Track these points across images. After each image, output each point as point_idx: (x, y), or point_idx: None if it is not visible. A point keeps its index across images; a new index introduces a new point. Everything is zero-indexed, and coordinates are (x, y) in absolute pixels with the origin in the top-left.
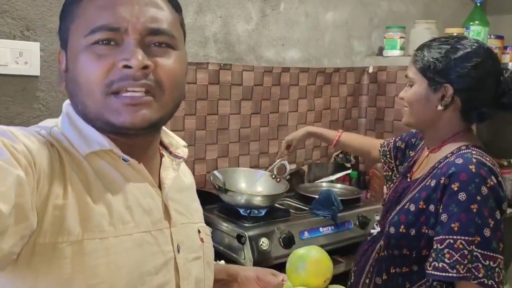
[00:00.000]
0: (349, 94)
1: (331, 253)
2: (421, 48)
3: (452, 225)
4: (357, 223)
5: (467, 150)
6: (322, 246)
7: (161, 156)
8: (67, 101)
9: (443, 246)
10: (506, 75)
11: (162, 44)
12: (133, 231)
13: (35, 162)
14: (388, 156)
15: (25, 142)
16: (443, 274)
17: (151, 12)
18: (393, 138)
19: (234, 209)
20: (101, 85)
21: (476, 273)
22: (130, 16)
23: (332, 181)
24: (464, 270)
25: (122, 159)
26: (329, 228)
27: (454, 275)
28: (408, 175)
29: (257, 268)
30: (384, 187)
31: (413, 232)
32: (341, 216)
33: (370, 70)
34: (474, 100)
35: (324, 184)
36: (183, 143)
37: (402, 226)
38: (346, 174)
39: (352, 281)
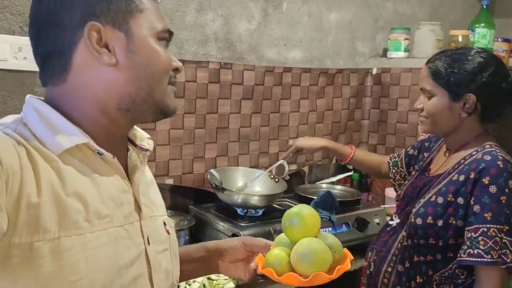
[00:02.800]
0: (352, 96)
1: None
2: (433, 61)
3: (485, 215)
4: (356, 225)
5: (492, 149)
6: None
7: (127, 150)
8: (31, 96)
9: (477, 234)
10: None
11: None
12: (107, 226)
13: (2, 162)
14: (399, 165)
15: None
16: (478, 259)
17: None
18: (404, 149)
19: (231, 208)
20: (168, 75)
21: (505, 259)
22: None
23: (333, 183)
24: (496, 256)
25: (97, 152)
26: (327, 229)
27: (489, 260)
28: (426, 172)
29: (238, 237)
30: (387, 190)
31: (440, 223)
32: (339, 218)
33: (374, 72)
34: (493, 103)
35: (324, 185)
36: (147, 135)
37: (429, 217)
38: (348, 176)
39: (372, 269)
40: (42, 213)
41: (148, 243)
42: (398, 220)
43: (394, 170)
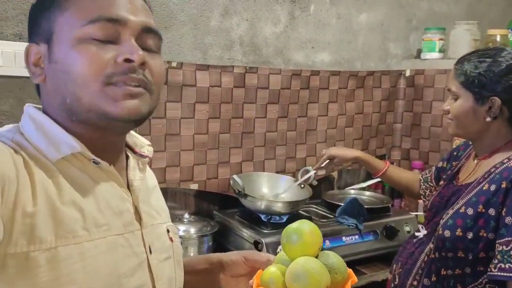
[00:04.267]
0: (383, 99)
1: (354, 263)
2: (461, 61)
3: None
4: (384, 233)
5: None
6: (345, 256)
7: (127, 157)
8: (29, 105)
9: (509, 247)
10: None
11: (151, 46)
12: (106, 234)
13: None
14: (429, 180)
15: None
16: (510, 274)
17: (144, 12)
18: (435, 165)
19: (255, 214)
20: (100, 76)
21: None
22: (128, 11)
23: (363, 189)
24: None
25: (93, 161)
26: (353, 237)
27: None
28: (454, 181)
29: (240, 251)
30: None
31: (470, 235)
32: (366, 226)
33: (407, 74)
34: None
35: (352, 191)
36: (147, 142)
37: (458, 230)
38: (379, 181)
39: (396, 283)
40: (37, 222)
41: (150, 252)
42: (425, 232)
43: (424, 186)
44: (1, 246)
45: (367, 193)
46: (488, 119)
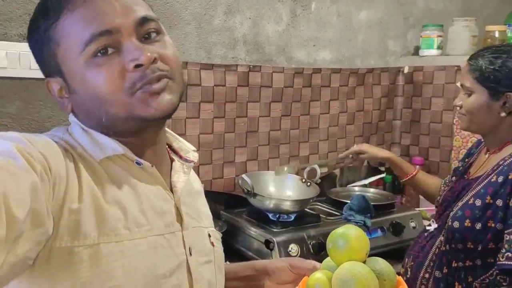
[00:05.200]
0: (383, 95)
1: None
2: (475, 57)
3: None
4: (391, 229)
5: None
6: None
7: (171, 160)
8: (72, 116)
9: None
10: None
11: (152, 33)
12: (147, 234)
13: (51, 168)
14: (447, 181)
15: (40, 148)
16: None
17: (133, 5)
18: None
19: (263, 213)
20: (124, 88)
21: None
22: (115, 16)
23: (365, 186)
24: None
25: (136, 162)
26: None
27: None
28: (466, 175)
29: (286, 258)
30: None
31: (478, 226)
32: (374, 222)
33: (406, 71)
34: None
35: (356, 188)
36: (193, 147)
37: (467, 220)
38: (380, 178)
39: (408, 276)
40: (82, 218)
41: (190, 253)
42: (436, 225)
43: (442, 187)
44: (48, 240)
45: (372, 190)
46: (503, 114)
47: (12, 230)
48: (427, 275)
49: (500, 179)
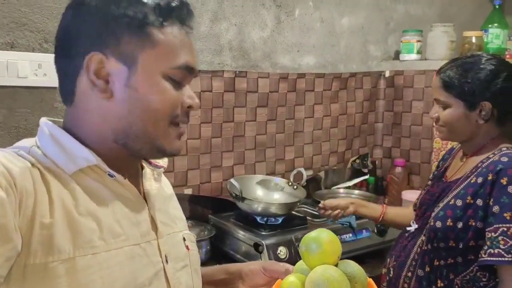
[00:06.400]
0: (365, 99)
1: (353, 258)
2: (444, 71)
3: (505, 214)
4: (375, 230)
5: (508, 151)
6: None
7: (142, 167)
8: (45, 118)
9: (497, 234)
10: None
11: None
12: (123, 244)
13: (16, 183)
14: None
15: (3, 163)
16: (499, 259)
17: None
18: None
19: (251, 217)
20: (170, 116)
21: None
22: (196, 64)
23: (349, 187)
24: None
25: (108, 174)
26: (347, 236)
27: (510, 259)
28: (443, 179)
29: (259, 261)
30: (403, 193)
31: (460, 225)
32: (359, 224)
33: (387, 75)
34: (509, 106)
35: (341, 190)
36: None
37: (449, 220)
38: (363, 179)
39: (391, 275)
40: (55, 233)
41: (167, 261)
42: (416, 226)
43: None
44: (21, 257)
45: (356, 191)
46: (481, 122)
47: None
48: (409, 274)
49: (480, 180)
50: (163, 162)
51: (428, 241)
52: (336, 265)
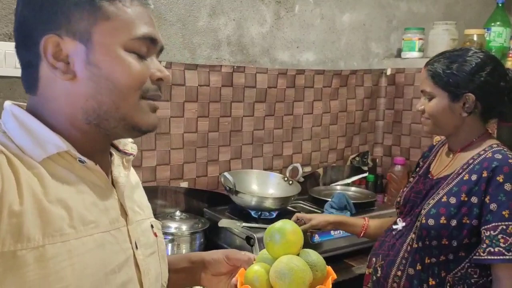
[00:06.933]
0: (366, 97)
1: (342, 256)
2: (431, 63)
3: (503, 212)
4: None
5: (499, 148)
6: (333, 250)
7: (110, 154)
8: (10, 102)
9: (496, 232)
10: (511, 74)
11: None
12: (93, 232)
13: None
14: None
15: None
16: (501, 257)
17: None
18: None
19: (245, 210)
20: (139, 90)
21: None
22: (157, 34)
23: (347, 184)
24: None
25: (79, 160)
26: (341, 231)
27: (511, 257)
28: (429, 175)
29: (222, 250)
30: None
31: (454, 222)
32: None
33: (388, 72)
34: (493, 102)
35: (338, 187)
36: (131, 139)
37: (443, 218)
38: (363, 177)
39: (379, 275)
40: (24, 221)
41: (136, 247)
42: (404, 224)
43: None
44: None
45: (353, 188)
46: (464, 114)
47: None
48: (399, 273)
49: (474, 177)
50: (132, 149)
51: (419, 239)
52: (298, 255)
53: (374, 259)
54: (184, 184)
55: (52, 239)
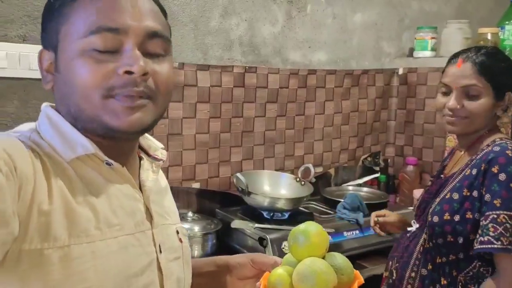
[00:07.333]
0: (378, 96)
1: (355, 258)
2: (475, 56)
3: (495, 201)
4: None
5: (502, 141)
6: (346, 251)
7: (140, 158)
8: (46, 104)
9: (487, 221)
10: None
11: (158, 50)
12: (118, 234)
13: (16, 168)
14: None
15: (5, 148)
16: (489, 246)
17: (150, 15)
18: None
19: (257, 211)
20: (101, 88)
21: None
22: (130, 18)
23: (359, 185)
24: (507, 242)
25: (106, 163)
26: (354, 232)
27: (499, 246)
28: (442, 175)
29: (247, 254)
30: (415, 191)
31: (457, 218)
32: (366, 221)
33: (400, 72)
34: None
35: (350, 187)
36: (161, 145)
37: (446, 214)
38: (374, 177)
39: (394, 277)
40: (52, 220)
41: (160, 251)
42: (417, 225)
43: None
44: (17, 242)
45: (365, 189)
46: (500, 113)
47: None
48: (413, 274)
49: (474, 171)
50: (162, 155)
51: (429, 238)
52: (323, 258)
53: (390, 262)
54: (196, 185)
55: (77, 240)
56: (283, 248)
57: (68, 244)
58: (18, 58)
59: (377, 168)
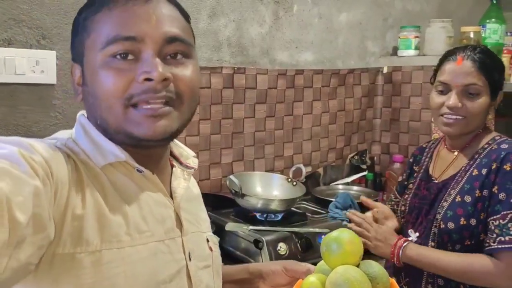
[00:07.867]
0: (363, 95)
1: None
2: (473, 54)
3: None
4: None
5: (503, 138)
6: None
7: (172, 166)
8: (82, 112)
9: (506, 220)
10: None
11: (178, 55)
12: (148, 241)
13: (53, 173)
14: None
15: (42, 153)
16: (511, 245)
17: (168, 21)
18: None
19: (250, 213)
20: (121, 98)
21: None
22: (147, 26)
23: (348, 183)
24: None
25: (137, 170)
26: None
27: None
28: (433, 179)
29: (280, 261)
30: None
31: (473, 221)
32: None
33: (385, 71)
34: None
35: (340, 186)
36: (193, 153)
37: (462, 219)
38: (362, 176)
39: None
40: (85, 225)
41: (190, 259)
42: (417, 234)
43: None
44: (51, 246)
45: (355, 187)
46: (491, 112)
47: (14, 234)
48: (429, 286)
49: (484, 171)
50: (194, 163)
51: (440, 245)
52: (358, 266)
53: (397, 277)
54: None
55: (109, 245)
56: (278, 250)
57: (99, 249)
58: (4, 63)
59: (364, 167)
